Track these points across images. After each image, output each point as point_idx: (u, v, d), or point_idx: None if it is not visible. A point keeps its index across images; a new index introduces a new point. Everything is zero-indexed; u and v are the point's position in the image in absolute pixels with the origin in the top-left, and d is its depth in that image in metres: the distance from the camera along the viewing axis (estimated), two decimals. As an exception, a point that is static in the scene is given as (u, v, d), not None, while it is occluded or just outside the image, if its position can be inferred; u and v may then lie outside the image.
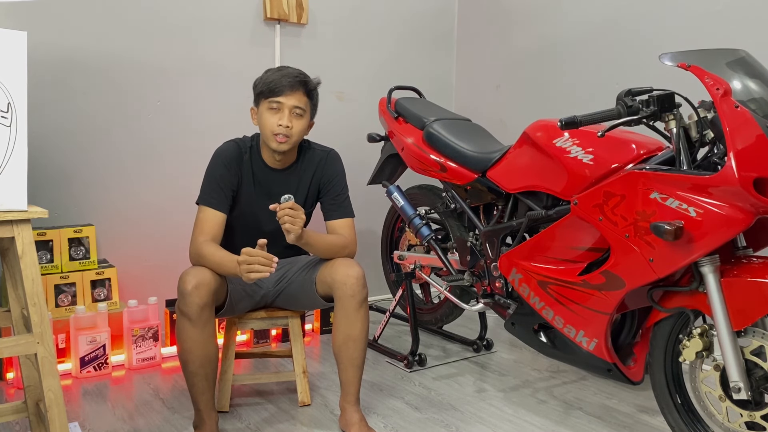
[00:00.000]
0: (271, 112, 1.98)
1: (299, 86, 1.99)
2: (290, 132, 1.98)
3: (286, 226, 1.83)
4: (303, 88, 2.00)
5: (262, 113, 2.00)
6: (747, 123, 1.48)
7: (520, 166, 2.09)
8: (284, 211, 1.82)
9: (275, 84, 1.97)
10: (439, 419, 2.12)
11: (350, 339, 1.95)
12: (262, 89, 1.99)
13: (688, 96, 2.17)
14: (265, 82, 1.99)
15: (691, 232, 1.55)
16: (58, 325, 2.44)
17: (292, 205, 1.83)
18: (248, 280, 1.76)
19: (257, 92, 2.02)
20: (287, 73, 1.99)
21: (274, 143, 1.99)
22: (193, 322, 1.84)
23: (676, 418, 1.77)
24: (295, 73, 2.00)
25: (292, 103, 1.98)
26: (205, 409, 1.92)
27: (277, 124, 1.96)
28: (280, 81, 1.97)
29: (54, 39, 2.57)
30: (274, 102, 1.97)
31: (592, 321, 1.84)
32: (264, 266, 1.74)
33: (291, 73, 1.99)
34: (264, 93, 1.99)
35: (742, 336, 1.60)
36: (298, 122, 2.00)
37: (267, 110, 1.99)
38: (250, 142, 2.10)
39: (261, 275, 1.74)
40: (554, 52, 3.13)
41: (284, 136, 1.97)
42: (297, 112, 1.99)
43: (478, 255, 2.38)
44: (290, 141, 1.99)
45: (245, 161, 2.06)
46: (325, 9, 3.24)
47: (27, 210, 1.52)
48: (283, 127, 1.96)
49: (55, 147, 2.61)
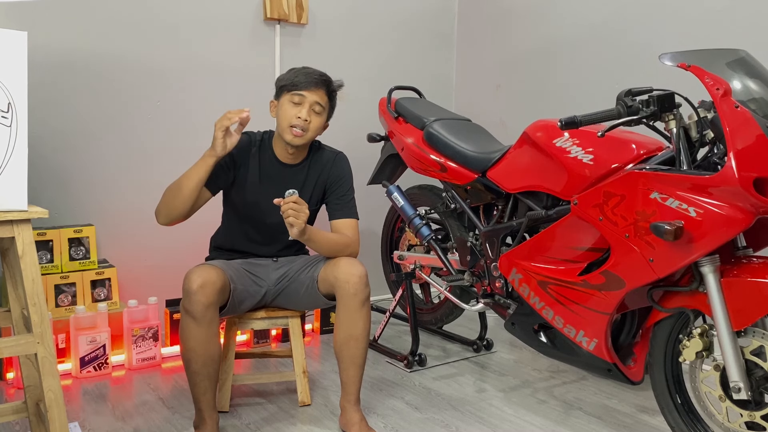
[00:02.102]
0: (292, 104, 2.02)
1: (322, 84, 2.04)
2: (307, 126, 2.01)
3: (289, 219, 1.84)
4: (325, 87, 2.06)
5: (283, 105, 2.03)
6: (747, 123, 1.48)
7: (520, 166, 2.09)
8: (288, 204, 1.83)
9: (300, 78, 2.02)
10: (439, 419, 2.12)
11: (352, 338, 1.95)
12: (287, 83, 2.03)
13: (688, 96, 2.18)
14: (290, 77, 2.03)
15: (691, 232, 1.55)
16: (58, 325, 2.44)
17: (296, 199, 1.84)
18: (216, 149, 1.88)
19: (281, 86, 2.06)
20: (312, 71, 2.05)
21: (290, 135, 2.01)
22: (197, 321, 1.84)
23: (676, 418, 1.78)
24: (319, 72, 2.06)
25: (314, 99, 2.02)
26: (206, 409, 1.92)
27: (296, 116, 2.00)
28: (306, 77, 2.02)
29: (54, 39, 2.57)
30: (296, 95, 2.01)
31: (592, 321, 1.84)
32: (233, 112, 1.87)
33: (316, 72, 2.05)
34: (288, 86, 2.03)
35: (742, 336, 1.60)
36: (316, 119, 2.04)
37: (288, 102, 2.02)
38: (261, 136, 2.14)
39: (232, 121, 1.86)
40: (554, 52, 3.14)
41: (301, 129, 2.00)
42: (317, 109, 2.03)
43: (478, 255, 2.38)
44: (306, 136, 2.03)
45: (253, 153, 2.10)
46: (325, 9, 3.24)
47: (27, 210, 1.52)
48: (302, 120, 2.00)
49: (55, 147, 2.61)
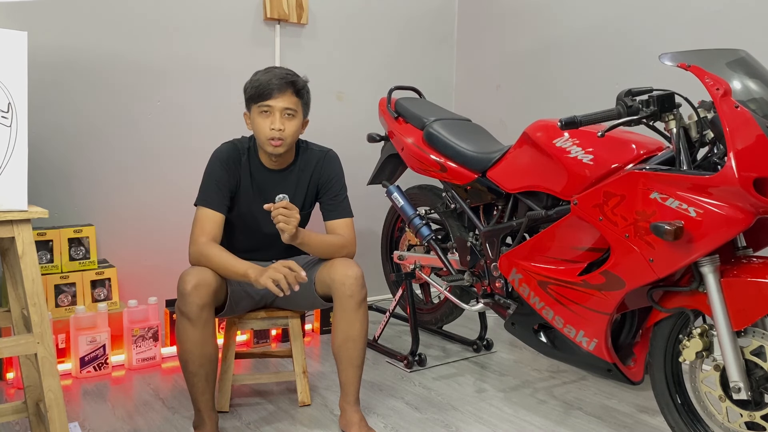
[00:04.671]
0: (263, 116, 1.96)
1: (287, 87, 1.95)
2: (284, 134, 1.96)
3: (279, 225, 1.84)
4: (291, 88, 1.96)
5: (255, 118, 1.98)
6: (747, 123, 1.48)
7: (520, 166, 2.09)
8: (278, 210, 1.83)
9: (263, 87, 1.93)
10: (439, 419, 2.12)
11: (349, 339, 1.95)
12: (252, 94, 1.96)
13: (688, 96, 2.18)
14: (254, 86, 1.96)
15: (691, 232, 1.55)
16: (58, 325, 2.45)
17: (285, 204, 1.84)
18: (259, 285, 1.78)
19: (247, 97, 1.99)
20: (274, 74, 1.95)
21: (270, 147, 1.98)
22: (192, 322, 1.84)
23: (676, 418, 1.77)
24: (282, 74, 1.96)
25: (282, 105, 1.95)
26: (205, 410, 1.92)
27: (270, 128, 1.95)
28: (268, 84, 1.93)
29: (54, 39, 2.57)
30: (264, 106, 1.95)
31: (592, 321, 1.84)
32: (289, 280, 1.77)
33: (278, 74, 1.95)
34: (253, 97, 1.96)
35: (742, 336, 1.60)
36: (291, 123, 1.98)
37: (258, 115, 1.96)
38: (248, 143, 2.09)
39: (277, 290, 1.77)
40: (554, 52, 3.13)
41: (278, 139, 1.96)
42: (288, 113, 1.97)
43: (478, 255, 2.38)
44: (285, 143, 1.98)
45: (243, 162, 2.06)
46: (325, 9, 3.24)
47: (27, 210, 1.52)
48: (276, 130, 1.94)
49: (55, 147, 2.61)
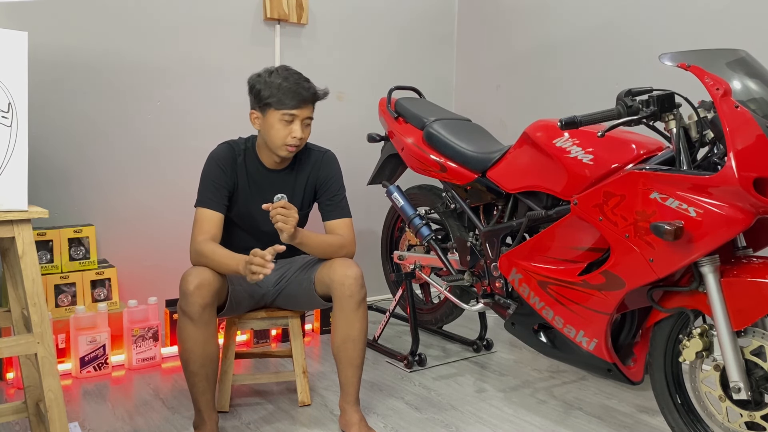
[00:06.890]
0: (283, 123, 1.96)
1: (312, 98, 1.99)
2: (302, 142, 2.01)
3: (278, 225, 1.84)
4: (314, 98, 2.01)
5: (273, 123, 1.96)
6: (747, 123, 1.48)
7: (520, 166, 2.09)
8: (276, 210, 1.83)
9: (289, 96, 1.93)
10: (439, 419, 2.12)
11: (349, 339, 1.95)
12: (272, 99, 1.94)
13: (688, 96, 2.18)
14: (274, 92, 1.94)
15: (691, 232, 1.55)
16: (58, 325, 2.44)
17: (284, 204, 1.84)
18: (251, 280, 1.77)
19: (264, 101, 1.96)
20: (298, 86, 1.95)
21: (285, 152, 1.99)
22: (194, 322, 1.84)
23: (676, 418, 1.77)
24: (306, 84, 1.97)
25: (305, 115, 1.98)
26: (205, 409, 1.92)
27: (292, 137, 1.97)
28: (295, 94, 1.94)
29: (54, 39, 2.57)
30: (287, 114, 1.95)
31: (592, 321, 1.84)
32: (259, 266, 1.74)
33: (303, 85, 1.96)
34: (274, 104, 1.94)
35: (742, 336, 1.60)
36: (308, 130, 2.02)
37: (278, 121, 1.95)
38: (245, 144, 2.09)
39: (257, 278, 1.75)
40: (554, 52, 3.13)
41: (296, 146, 1.99)
42: (307, 122, 2.01)
43: (478, 255, 2.38)
44: (299, 148, 2.02)
45: (239, 163, 2.06)
46: (325, 9, 3.24)
47: (27, 210, 1.52)
48: (298, 138, 1.97)
49: (55, 147, 2.61)
